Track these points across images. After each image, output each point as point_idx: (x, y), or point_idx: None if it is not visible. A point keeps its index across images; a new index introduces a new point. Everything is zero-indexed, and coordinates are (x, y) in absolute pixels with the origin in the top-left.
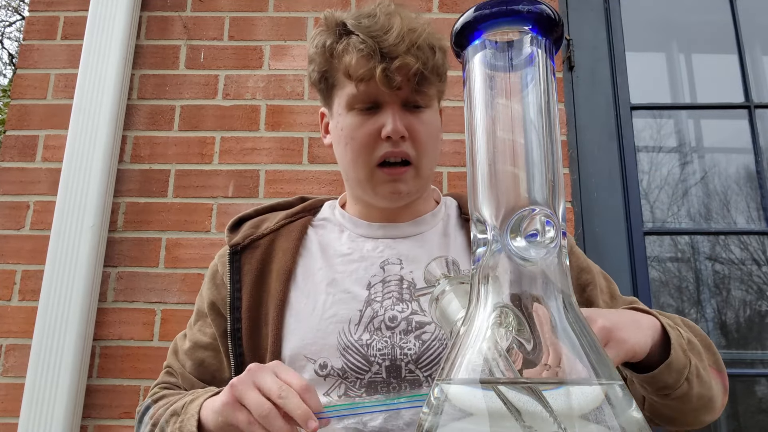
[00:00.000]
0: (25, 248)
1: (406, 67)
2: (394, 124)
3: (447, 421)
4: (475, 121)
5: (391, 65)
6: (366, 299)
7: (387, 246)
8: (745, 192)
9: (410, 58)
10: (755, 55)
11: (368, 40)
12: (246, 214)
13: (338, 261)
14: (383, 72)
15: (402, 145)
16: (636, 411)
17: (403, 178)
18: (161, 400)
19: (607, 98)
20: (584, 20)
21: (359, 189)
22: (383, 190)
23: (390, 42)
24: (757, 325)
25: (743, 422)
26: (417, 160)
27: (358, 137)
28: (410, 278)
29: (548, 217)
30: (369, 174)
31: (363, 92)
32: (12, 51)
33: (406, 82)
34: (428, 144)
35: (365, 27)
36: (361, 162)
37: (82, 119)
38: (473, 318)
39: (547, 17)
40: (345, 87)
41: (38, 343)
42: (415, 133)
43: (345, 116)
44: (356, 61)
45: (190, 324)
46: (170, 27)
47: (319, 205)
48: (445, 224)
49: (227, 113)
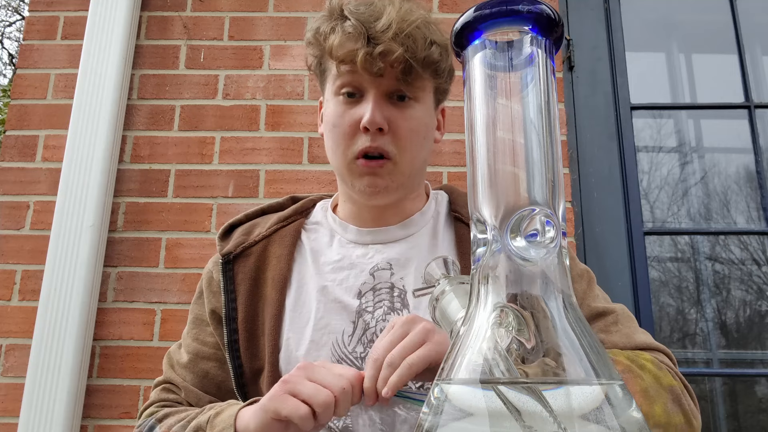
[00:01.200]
0: (25, 248)
1: (389, 52)
2: (372, 114)
3: (447, 421)
4: (475, 121)
5: (374, 50)
6: (357, 309)
7: (377, 251)
8: (745, 192)
9: (395, 45)
10: (755, 55)
11: (357, 24)
12: (236, 220)
13: (329, 269)
14: (365, 56)
15: (380, 140)
16: (636, 411)
17: (380, 172)
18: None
19: (607, 98)
20: (584, 20)
21: (341, 180)
22: (360, 184)
23: (378, 28)
24: (757, 325)
25: (743, 422)
26: (397, 155)
27: (339, 125)
28: (401, 285)
29: (548, 217)
30: (348, 165)
31: (346, 77)
32: (12, 51)
33: (389, 69)
34: (410, 139)
35: (359, 13)
36: (340, 152)
37: (82, 119)
38: (473, 318)
39: (547, 17)
40: (333, 71)
41: (38, 343)
42: (396, 127)
43: (331, 102)
44: (339, 42)
45: (186, 334)
46: (170, 27)
47: (310, 206)
48: (435, 223)
49: (227, 113)
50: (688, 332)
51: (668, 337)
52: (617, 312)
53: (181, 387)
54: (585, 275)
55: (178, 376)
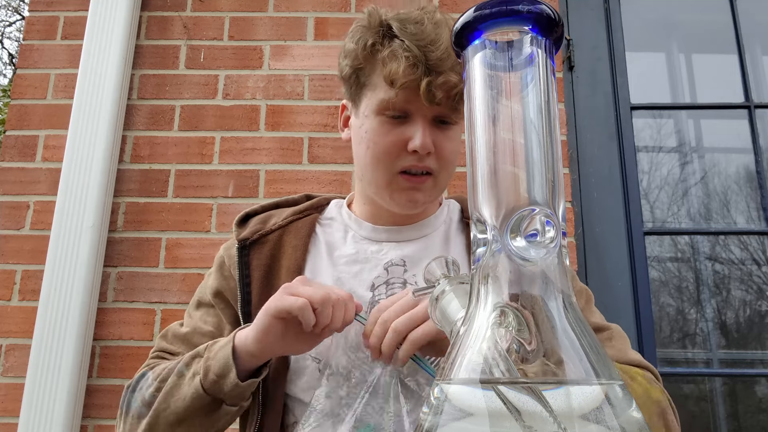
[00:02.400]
0: (25, 248)
1: (449, 84)
2: (423, 140)
3: (447, 421)
4: (475, 121)
5: (436, 80)
6: (370, 301)
7: (391, 248)
8: (745, 192)
9: (455, 76)
10: (755, 55)
11: (414, 49)
12: (253, 209)
13: (343, 261)
14: (427, 86)
15: (426, 160)
16: (636, 411)
17: (422, 187)
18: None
19: (607, 98)
20: (584, 20)
21: (374, 191)
22: (400, 198)
23: (437, 56)
24: (757, 325)
25: (743, 422)
26: (438, 172)
27: (382, 144)
28: (413, 282)
29: (548, 217)
30: (389, 180)
31: (398, 101)
32: (12, 51)
33: (446, 99)
34: (452, 160)
35: (411, 34)
36: (381, 168)
37: (82, 119)
38: (473, 318)
39: (547, 17)
40: (379, 90)
41: (38, 343)
42: (441, 149)
43: (372, 119)
44: (403, 69)
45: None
46: (170, 27)
47: (325, 203)
48: (447, 227)
49: (227, 113)
50: (688, 332)
51: (668, 337)
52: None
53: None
54: (584, 293)
55: (173, 346)
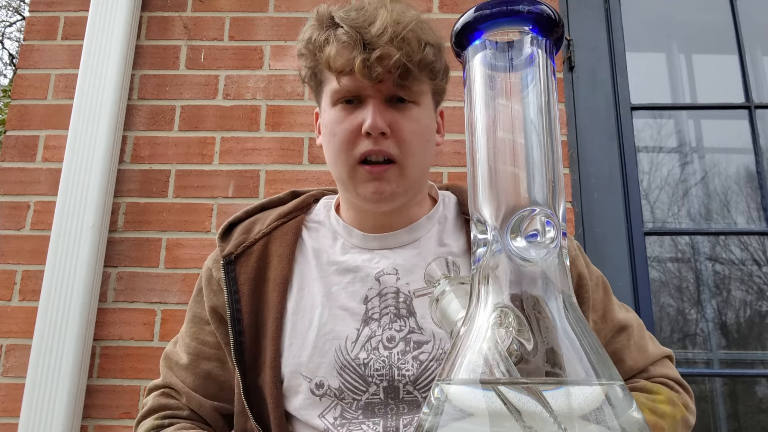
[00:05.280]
0: (25, 248)
1: (387, 57)
2: (373, 119)
3: (447, 421)
4: (475, 121)
5: (371, 56)
6: (363, 316)
7: (383, 257)
8: (745, 192)
9: (392, 49)
10: (755, 55)
11: (351, 32)
12: (236, 218)
13: (332, 270)
14: (363, 62)
15: (383, 143)
16: (636, 411)
17: (385, 176)
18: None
19: (607, 98)
20: (584, 20)
21: (343, 188)
22: (365, 190)
23: (372, 33)
24: (757, 325)
25: (743, 422)
26: (401, 158)
27: (339, 133)
28: (407, 291)
29: (548, 218)
30: (350, 171)
31: (344, 85)
32: (12, 51)
33: (387, 74)
34: (414, 142)
35: (351, 19)
36: (341, 159)
37: (83, 119)
38: (473, 318)
39: (547, 17)
40: (330, 82)
41: (38, 343)
42: (398, 130)
43: (329, 112)
44: (336, 52)
45: (184, 333)
46: (170, 27)
47: (312, 202)
48: (442, 227)
49: (227, 113)
50: (688, 332)
51: (668, 338)
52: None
53: (182, 393)
54: (600, 283)
55: (178, 380)
